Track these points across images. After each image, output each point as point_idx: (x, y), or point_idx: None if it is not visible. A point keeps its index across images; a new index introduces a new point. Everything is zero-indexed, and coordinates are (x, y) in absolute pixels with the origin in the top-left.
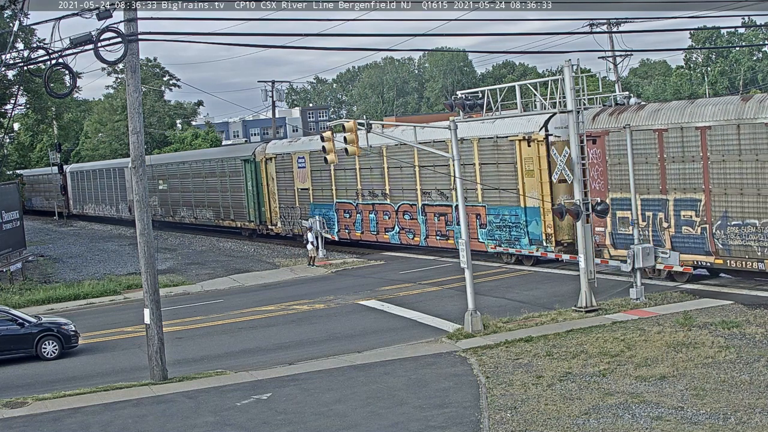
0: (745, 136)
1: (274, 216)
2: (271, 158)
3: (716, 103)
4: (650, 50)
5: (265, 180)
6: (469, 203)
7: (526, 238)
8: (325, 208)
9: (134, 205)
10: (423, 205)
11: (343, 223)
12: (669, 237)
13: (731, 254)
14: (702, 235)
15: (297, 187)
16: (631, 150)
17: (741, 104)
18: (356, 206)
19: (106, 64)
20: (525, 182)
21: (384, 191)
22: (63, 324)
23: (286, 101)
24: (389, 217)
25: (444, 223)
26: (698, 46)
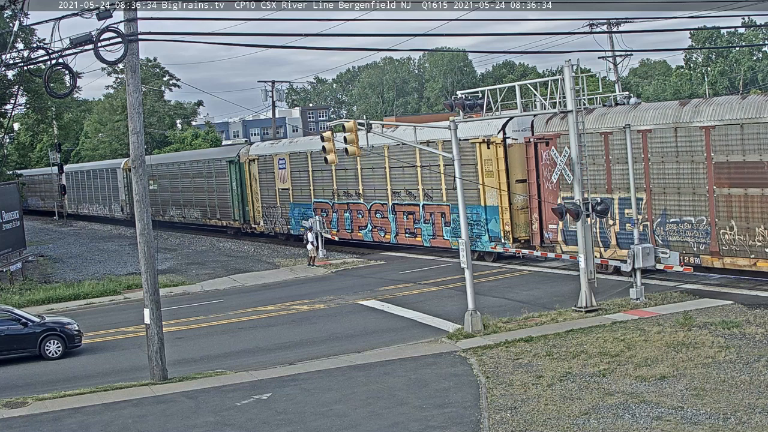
0: (681, 139)
1: (257, 215)
2: (254, 160)
3: (657, 107)
4: (650, 50)
5: (249, 180)
6: (434, 202)
7: (486, 235)
8: (303, 207)
9: (134, 205)
10: (393, 205)
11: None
12: (614, 234)
13: (671, 249)
14: (644, 232)
15: (278, 187)
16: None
17: (679, 108)
18: (332, 205)
19: (106, 64)
20: (485, 182)
21: (357, 191)
22: (66, 323)
23: (286, 101)
24: (362, 216)
25: (412, 221)
26: (698, 46)
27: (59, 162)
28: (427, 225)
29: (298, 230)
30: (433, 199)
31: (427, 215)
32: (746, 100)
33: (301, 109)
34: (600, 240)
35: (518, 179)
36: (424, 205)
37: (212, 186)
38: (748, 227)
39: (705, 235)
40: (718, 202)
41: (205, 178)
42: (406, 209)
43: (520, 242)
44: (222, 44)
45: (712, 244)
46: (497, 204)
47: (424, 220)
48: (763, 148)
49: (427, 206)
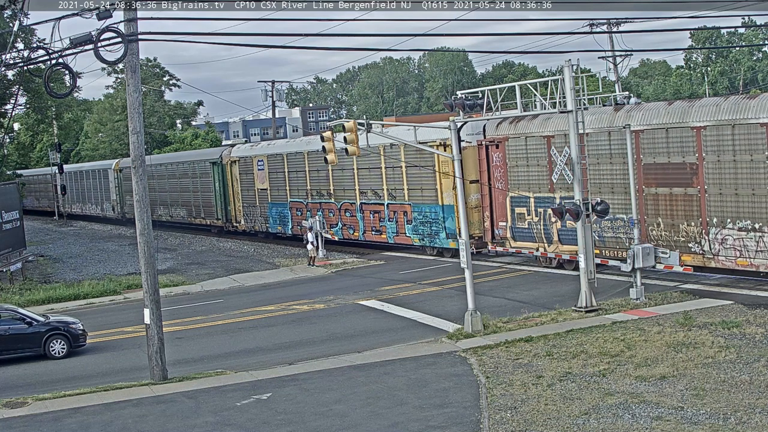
0: (614, 142)
1: (238, 214)
2: (235, 161)
3: (594, 113)
4: (650, 50)
5: (230, 181)
6: (397, 201)
7: (443, 232)
8: (280, 206)
9: (135, 205)
10: (361, 204)
11: (296, 221)
12: (556, 230)
13: (606, 245)
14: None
15: (257, 187)
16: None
17: (613, 114)
18: (306, 205)
19: (106, 64)
20: (442, 183)
21: (329, 191)
22: (71, 323)
23: (286, 101)
24: (333, 214)
25: (378, 219)
26: (698, 46)
27: (59, 162)
28: (392, 223)
29: (275, 228)
30: (396, 199)
31: (391, 214)
32: (672, 106)
33: (301, 109)
34: (544, 236)
35: (472, 180)
36: (389, 204)
37: (197, 186)
38: (672, 224)
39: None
40: (647, 201)
41: (191, 179)
42: (372, 208)
43: (474, 239)
44: (222, 44)
45: (642, 239)
46: (453, 203)
47: (388, 219)
48: (685, 151)
49: (391, 205)
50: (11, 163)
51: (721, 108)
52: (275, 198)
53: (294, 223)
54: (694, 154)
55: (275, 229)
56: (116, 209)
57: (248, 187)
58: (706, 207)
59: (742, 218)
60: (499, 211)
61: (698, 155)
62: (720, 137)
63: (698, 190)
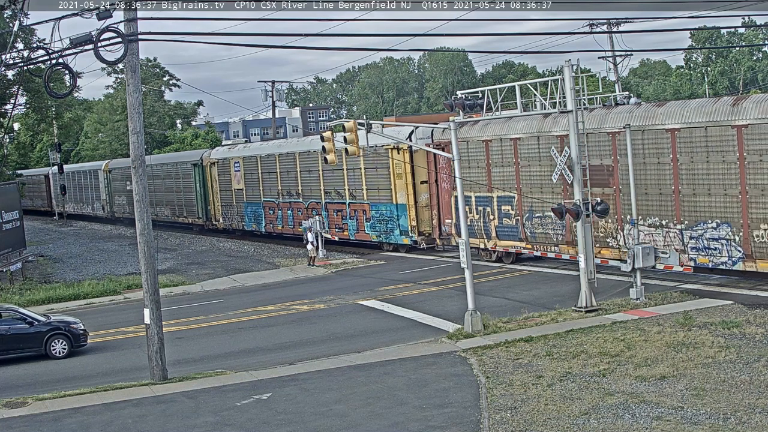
0: (542, 146)
1: (217, 213)
2: (214, 163)
3: (526, 118)
4: (650, 50)
5: (210, 182)
6: (357, 201)
7: (397, 229)
8: (255, 206)
9: (135, 205)
10: (326, 203)
11: (269, 219)
12: (494, 227)
13: (536, 240)
14: (516, 225)
15: (234, 188)
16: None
17: (542, 120)
18: (278, 204)
19: (106, 64)
20: (396, 183)
21: (297, 191)
22: (72, 323)
23: (286, 101)
24: (302, 213)
25: (341, 218)
26: (698, 46)
27: (59, 162)
28: (352, 221)
29: (250, 226)
30: (356, 198)
31: (352, 212)
32: (593, 113)
33: (301, 109)
34: (484, 233)
35: (422, 180)
36: (350, 204)
37: (180, 187)
38: (593, 221)
39: (561, 227)
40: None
41: (174, 180)
42: (335, 207)
43: (425, 235)
44: (222, 44)
45: (567, 235)
46: (406, 202)
47: (350, 217)
48: (602, 154)
49: (352, 204)
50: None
51: (634, 114)
52: (250, 198)
53: (267, 221)
54: (610, 157)
55: (250, 227)
56: (106, 208)
57: (226, 187)
58: (621, 205)
59: (651, 215)
60: (445, 210)
61: (614, 158)
62: (633, 141)
63: (614, 190)
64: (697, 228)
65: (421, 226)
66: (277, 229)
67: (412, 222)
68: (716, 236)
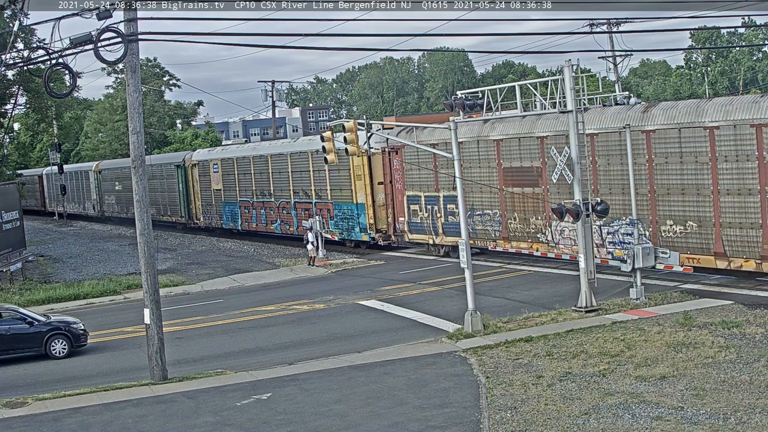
0: (482, 149)
1: (198, 212)
2: (195, 164)
3: (467, 123)
4: (650, 50)
5: (192, 183)
6: (323, 200)
7: (358, 227)
8: (232, 205)
9: (135, 205)
10: (294, 202)
11: (245, 218)
12: (441, 224)
13: (478, 236)
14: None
15: (213, 188)
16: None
17: (482, 125)
18: (252, 203)
19: (106, 64)
20: (356, 184)
21: (269, 191)
22: (72, 323)
23: (286, 101)
24: (273, 212)
25: (308, 216)
26: (698, 46)
27: (59, 162)
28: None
29: (228, 225)
30: (322, 198)
31: (318, 211)
32: (524, 120)
33: (301, 109)
34: (432, 229)
35: (379, 181)
36: (316, 203)
37: (164, 187)
38: (525, 218)
39: (498, 224)
40: (506, 199)
41: (159, 180)
42: (303, 206)
43: (382, 232)
44: (222, 44)
45: (503, 231)
46: (365, 202)
47: (316, 215)
48: (532, 157)
49: (318, 204)
50: (11, 163)
51: (559, 120)
52: (227, 197)
53: (243, 219)
54: (538, 159)
55: (228, 225)
56: (96, 208)
57: (206, 187)
58: (549, 204)
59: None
60: (398, 208)
61: (542, 160)
62: (557, 145)
63: (543, 190)
64: (613, 224)
65: (379, 224)
66: (252, 227)
67: (371, 220)
68: (630, 231)
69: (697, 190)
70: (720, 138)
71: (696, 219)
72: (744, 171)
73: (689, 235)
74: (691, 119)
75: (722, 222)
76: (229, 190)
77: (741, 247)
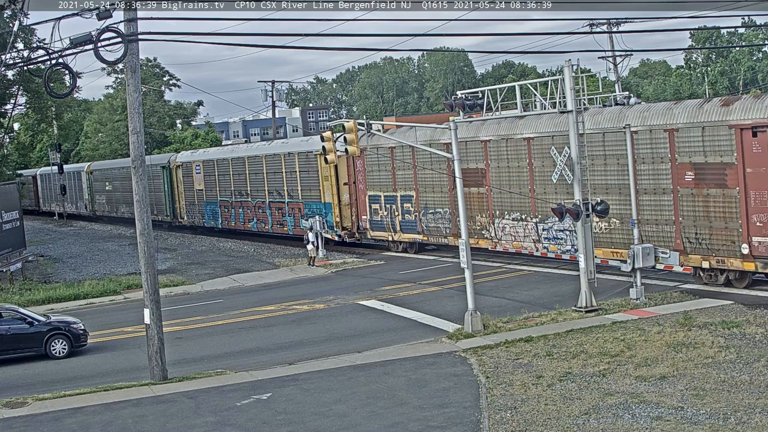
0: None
1: (182, 211)
2: (179, 166)
3: (423, 129)
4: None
5: (176, 183)
6: (294, 200)
7: (326, 225)
8: (213, 204)
9: (135, 205)
10: (269, 202)
11: (224, 217)
12: (399, 222)
13: (430, 233)
14: (415, 220)
15: (195, 188)
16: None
17: (433, 130)
18: (231, 203)
19: (106, 64)
20: (324, 185)
21: (247, 191)
22: (72, 323)
23: (286, 101)
24: (250, 211)
25: (281, 215)
26: (698, 46)
27: (59, 162)
28: (290, 218)
29: (209, 223)
30: (293, 198)
31: (290, 210)
32: (471, 124)
33: (301, 109)
34: (391, 226)
35: (344, 182)
36: (288, 202)
37: (150, 187)
38: (471, 216)
39: (448, 222)
40: (455, 198)
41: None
42: (277, 205)
43: (347, 230)
44: (222, 44)
45: (453, 228)
46: (332, 201)
47: (288, 214)
48: (478, 159)
49: (290, 203)
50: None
51: (501, 125)
52: (209, 197)
53: (223, 218)
54: (483, 161)
55: (209, 224)
56: (88, 207)
57: (189, 188)
58: (492, 202)
59: (514, 211)
60: (361, 207)
61: (486, 162)
62: (498, 148)
63: (486, 190)
64: (548, 221)
65: (344, 222)
66: (231, 225)
67: (337, 218)
68: (562, 228)
69: (620, 190)
70: (638, 141)
71: (618, 216)
72: (659, 172)
73: (613, 231)
74: (613, 124)
75: (641, 219)
76: (210, 191)
77: (658, 242)
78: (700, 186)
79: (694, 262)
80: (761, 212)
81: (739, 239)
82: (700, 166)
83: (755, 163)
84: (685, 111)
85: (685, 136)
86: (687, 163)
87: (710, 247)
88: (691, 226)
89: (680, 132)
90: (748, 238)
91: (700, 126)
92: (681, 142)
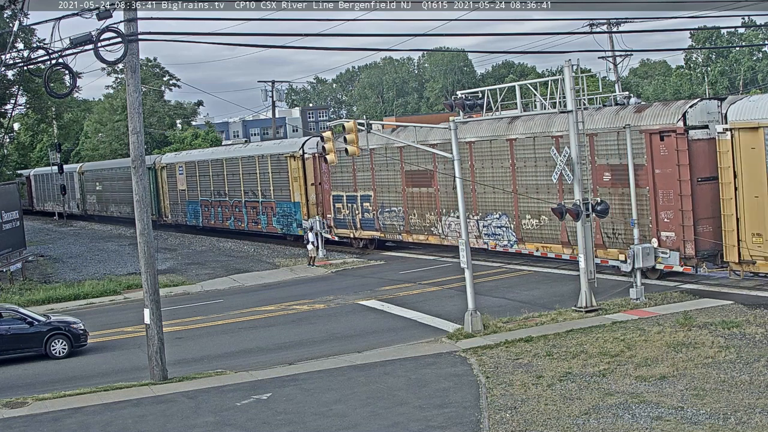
0: (389, 155)
1: (167, 210)
2: (164, 167)
3: (380, 133)
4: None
5: (161, 183)
6: (267, 199)
7: (295, 223)
8: (194, 204)
9: (134, 205)
10: (245, 201)
11: (205, 215)
12: (359, 220)
13: (387, 230)
14: (373, 218)
15: (179, 188)
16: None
17: (389, 134)
18: (211, 202)
19: (106, 64)
20: (293, 185)
21: (225, 191)
22: (72, 323)
23: (286, 101)
24: (228, 210)
25: (256, 213)
26: (698, 46)
27: (59, 162)
28: (264, 216)
29: (191, 222)
30: (266, 197)
31: (263, 209)
32: (420, 130)
33: (301, 109)
34: (352, 224)
35: (311, 183)
36: (262, 202)
37: None
38: (422, 214)
39: (402, 219)
40: (407, 198)
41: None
42: (252, 205)
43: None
44: (221, 44)
45: (405, 226)
46: (300, 200)
47: (262, 213)
48: (427, 161)
49: (264, 202)
50: (11, 163)
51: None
52: (191, 197)
53: (203, 217)
54: (430, 164)
55: (191, 222)
56: (79, 206)
57: (173, 188)
58: (439, 201)
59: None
60: (326, 207)
61: (433, 164)
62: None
63: (434, 190)
64: (487, 218)
65: None
66: (211, 223)
67: (305, 217)
68: (500, 225)
69: (547, 189)
70: (562, 145)
71: (548, 214)
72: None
73: (543, 227)
74: (542, 129)
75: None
76: (192, 191)
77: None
78: (616, 186)
79: (612, 256)
80: (668, 209)
81: (650, 234)
82: (616, 168)
83: (662, 165)
84: (603, 117)
85: (603, 140)
86: (605, 164)
87: (626, 242)
88: (609, 223)
89: (599, 136)
90: (657, 233)
91: (615, 131)
92: (600, 146)
